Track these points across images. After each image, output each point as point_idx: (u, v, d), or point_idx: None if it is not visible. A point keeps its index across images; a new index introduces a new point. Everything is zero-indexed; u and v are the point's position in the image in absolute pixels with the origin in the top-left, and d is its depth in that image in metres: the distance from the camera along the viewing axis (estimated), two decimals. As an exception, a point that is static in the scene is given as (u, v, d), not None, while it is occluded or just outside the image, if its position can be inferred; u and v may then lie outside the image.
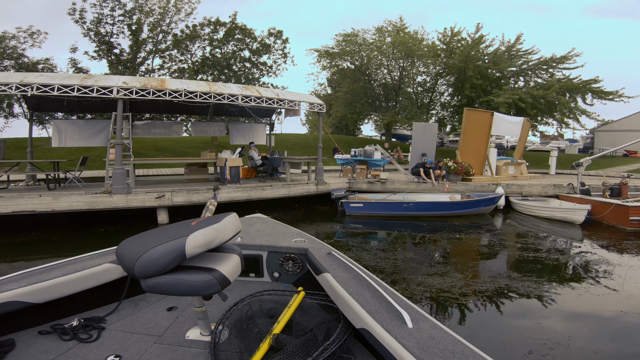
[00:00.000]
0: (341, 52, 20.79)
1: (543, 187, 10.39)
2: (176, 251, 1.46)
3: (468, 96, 19.74)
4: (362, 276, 1.94)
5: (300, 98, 9.07)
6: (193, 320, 2.01)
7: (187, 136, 27.48)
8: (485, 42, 19.68)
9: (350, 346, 1.73)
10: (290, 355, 1.52)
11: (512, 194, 10.07)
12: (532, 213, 9.07)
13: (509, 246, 6.53)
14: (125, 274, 2.15)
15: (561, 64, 19.16)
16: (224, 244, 1.74)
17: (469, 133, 11.12)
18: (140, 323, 2.01)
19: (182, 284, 1.48)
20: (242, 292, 2.32)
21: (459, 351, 1.26)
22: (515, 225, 8.31)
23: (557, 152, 16.15)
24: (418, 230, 7.64)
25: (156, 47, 19.61)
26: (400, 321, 1.45)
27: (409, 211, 8.26)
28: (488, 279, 4.65)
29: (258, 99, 8.08)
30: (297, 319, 1.87)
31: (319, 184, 9.34)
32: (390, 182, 10.10)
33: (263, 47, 22.23)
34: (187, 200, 7.22)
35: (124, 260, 1.52)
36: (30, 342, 1.74)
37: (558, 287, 4.46)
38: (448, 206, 8.38)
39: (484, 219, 8.71)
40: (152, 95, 6.88)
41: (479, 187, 10.11)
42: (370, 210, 8.34)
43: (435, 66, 21.16)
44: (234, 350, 1.67)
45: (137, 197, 6.77)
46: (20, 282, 1.80)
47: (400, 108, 22.03)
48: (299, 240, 2.63)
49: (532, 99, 17.41)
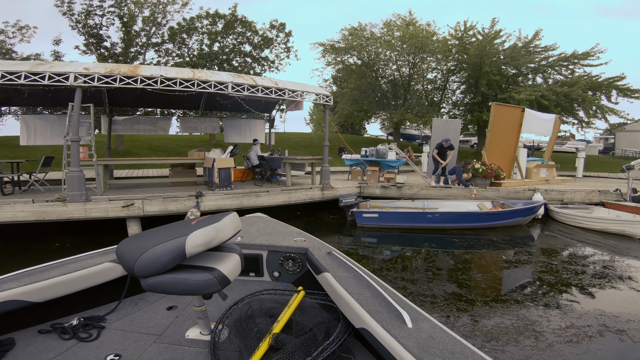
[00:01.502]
0: (347, 46, 20.12)
1: (587, 193, 8.98)
2: (176, 250, 1.45)
3: (483, 93, 18.99)
4: (362, 276, 1.94)
5: (303, 88, 7.78)
6: (193, 319, 2.00)
7: (187, 134, 26.17)
8: (501, 38, 19.16)
9: (350, 346, 1.72)
10: (290, 354, 1.53)
11: (551, 202, 8.92)
12: (577, 224, 7.91)
13: (574, 271, 5.26)
14: (125, 273, 2.13)
15: (583, 61, 18.52)
16: (224, 243, 1.72)
17: (497, 131, 10.12)
18: (140, 322, 2.01)
19: (182, 283, 1.48)
20: (242, 292, 2.33)
21: (459, 351, 1.26)
22: (563, 240, 7.12)
23: (584, 154, 14.71)
24: (448, 246, 6.52)
25: (149, 39, 18.09)
26: (400, 321, 1.46)
27: (435, 223, 7.18)
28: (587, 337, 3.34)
29: (252, 87, 7.09)
30: (297, 319, 1.89)
31: (325, 189, 7.87)
32: (408, 187, 8.54)
33: (265, 41, 20.67)
34: (162, 209, 5.83)
35: (124, 259, 1.50)
36: (30, 341, 1.74)
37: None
38: (482, 217, 7.01)
39: (522, 231, 7.58)
40: (119, 82, 5.86)
41: (513, 194, 8.59)
42: (387, 221, 7.24)
43: (446, 62, 20.58)
44: (234, 349, 1.67)
45: (98, 206, 5.43)
46: (20, 281, 1.80)
47: (410, 105, 21.36)
48: (299, 240, 2.62)
49: (556, 96, 16.63)
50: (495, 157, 9.97)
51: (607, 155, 26.69)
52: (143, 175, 11.69)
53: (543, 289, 4.54)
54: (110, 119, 9.50)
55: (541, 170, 11.38)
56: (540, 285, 4.70)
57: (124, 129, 9.79)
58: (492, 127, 9.82)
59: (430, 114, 19.67)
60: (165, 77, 6.11)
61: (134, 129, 9.80)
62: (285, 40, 22.09)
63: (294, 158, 8.29)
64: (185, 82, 6.25)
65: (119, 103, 9.72)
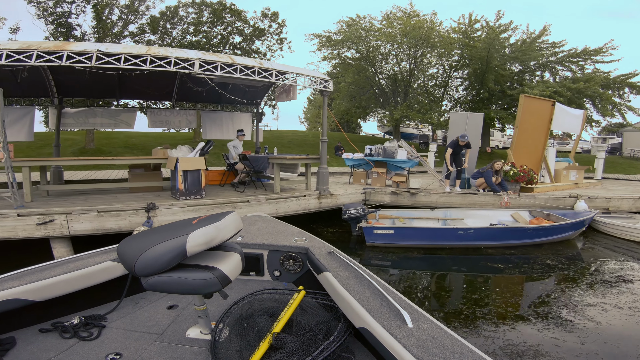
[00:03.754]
0: (345, 39, 19.46)
1: (635, 200, 7.65)
2: (177, 249, 1.45)
3: (490, 89, 18.46)
4: (363, 275, 1.97)
5: (295, 70, 6.41)
6: (193, 318, 2.05)
7: (174, 132, 24.17)
8: (509, 31, 18.81)
9: (350, 345, 1.75)
10: (290, 354, 1.54)
11: (594, 210, 7.61)
12: (631, 238, 6.69)
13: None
14: (126, 272, 2.16)
15: (595, 57, 18.07)
16: (225, 243, 1.73)
17: (525, 127, 9.01)
18: (141, 321, 2.04)
19: (182, 282, 1.48)
20: (243, 291, 2.38)
21: (459, 351, 1.27)
22: (626, 257, 5.82)
23: (604, 154, 14.16)
24: (493, 272, 5.08)
25: (125, 28, 16.10)
26: (400, 321, 1.47)
27: (468, 241, 5.84)
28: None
29: (228, 66, 5.74)
30: (298, 318, 1.91)
31: (323, 197, 6.22)
32: (424, 193, 6.78)
33: (256, 32, 18.75)
34: (97, 227, 4.29)
35: (125, 258, 1.50)
36: (31, 340, 1.76)
37: None
38: (530, 234, 6.05)
39: (572, 248, 6.34)
40: (35, 59, 4.52)
41: (552, 201, 6.93)
42: (406, 239, 5.88)
43: (448, 58, 20.09)
44: (234, 348, 1.70)
45: (3, 224, 3.55)
46: (21, 280, 1.83)
47: (411, 102, 20.85)
48: (300, 239, 2.65)
49: (570, 93, 16.26)
50: (522, 157, 8.94)
51: (614, 156, 25.32)
52: (104, 178, 9.76)
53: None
54: (59, 112, 7.67)
55: (571, 173, 9.79)
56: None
57: (76, 123, 8.13)
58: (521, 122, 8.39)
59: (434, 111, 19.43)
60: (103, 53, 4.37)
61: (89, 123, 8.19)
62: (279, 31, 20.28)
63: (283, 157, 6.61)
64: (133, 58, 4.44)
65: (70, 92, 7.90)
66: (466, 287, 4.56)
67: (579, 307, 3.85)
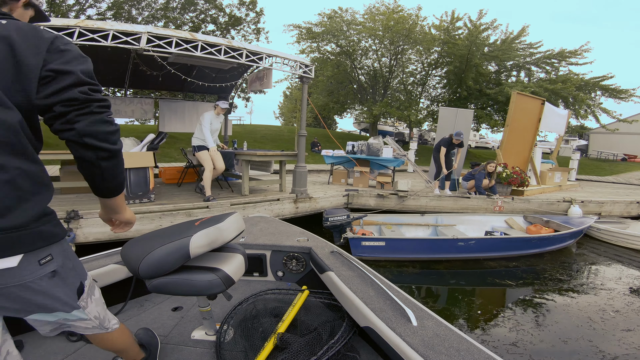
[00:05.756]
0: (326, 31, 18.96)
1: (627, 205, 7.50)
2: (180, 251, 1.46)
3: (470, 87, 18.53)
4: (366, 274, 1.96)
5: (271, 52, 5.90)
6: (198, 320, 2.08)
7: (138, 124, 22.26)
8: (490, 30, 18.96)
9: (355, 344, 1.78)
10: (295, 354, 1.57)
11: (586, 215, 7.44)
12: (628, 245, 6.37)
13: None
14: (130, 275, 2.19)
15: (571, 59, 18.52)
16: (228, 244, 1.76)
17: (515, 126, 8.68)
18: (146, 323, 2.05)
19: (186, 284, 1.49)
20: (246, 292, 2.41)
21: (464, 348, 1.26)
22: (625, 265, 5.50)
23: (579, 155, 14.66)
24: (501, 287, 4.53)
25: (82, 11, 14.30)
26: (404, 319, 1.48)
27: (468, 253, 5.27)
28: None
29: (186, 42, 4.81)
30: (302, 318, 1.93)
31: (300, 200, 5.36)
32: (413, 197, 5.96)
33: (231, 20, 17.38)
34: None
35: (129, 260, 1.51)
36: (38, 343, 1.77)
37: None
38: (533, 244, 5.60)
39: (571, 257, 5.92)
40: None
41: (545, 205, 6.35)
42: (400, 252, 5.18)
43: (428, 55, 20.12)
44: (239, 349, 1.74)
45: None
46: None
47: (392, 99, 21.40)
48: (302, 239, 2.64)
49: (547, 93, 16.56)
50: (510, 158, 8.72)
51: (581, 157, 26.06)
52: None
53: None
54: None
55: (556, 174, 9.39)
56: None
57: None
58: (512, 121, 7.91)
59: (412, 108, 19.56)
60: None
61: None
62: (256, 20, 18.94)
63: (252, 153, 5.65)
64: (55, 31, 3.21)
65: None
66: (481, 312, 3.89)
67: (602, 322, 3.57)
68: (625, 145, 28.08)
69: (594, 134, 27.79)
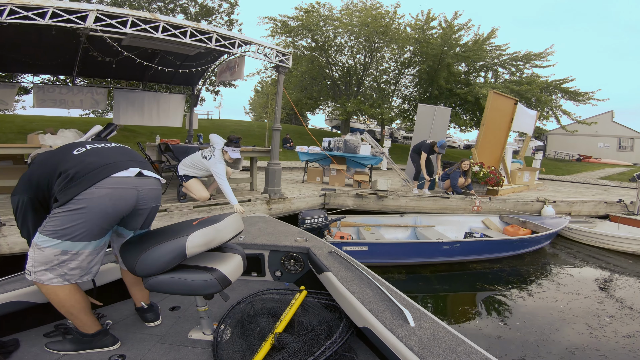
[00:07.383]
0: (302, 25, 18.43)
1: (595, 205, 8.02)
2: (176, 250, 1.48)
3: (441, 87, 18.97)
4: (364, 275, 1.99)
5: (244, 38, 5.36)
6: (195, 319, 2.06)
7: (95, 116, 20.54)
8: (464, 30, 19.24)
9: (353, 345, 1.79)
10: (293, 354, 1.58)
11: (559, 215, 7.50)
12: (599, 244, 6.51)
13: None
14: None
15: (536, 61, 19.14)
16: (227, 244, 1.80)
17: (489, 125, 8.69)
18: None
19: (182, 283, 1.51)
20: (244, 292, 2.41)
21: (462, 349, 1.27)
22: (601, 266, 5.58)
23: (541, 155, 15.41)
24: (485, 288, 4.45)
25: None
26: (402, 320, 1.48)
27: (453, 256, 5.13)
28: None
29: (145, 23, 4.20)
30: (299, 318, 1.94)
31: (273, 201, 4.99)
32: (393, 197, 5.69)
33: (203, 10, 16.41)
34: None
35: (126, 259, 1.55)
36: (34, 342, 1.76)
37: None
38: (516, 245, 5.54)
39: (548, 257, 5.94)
40: None
41: (520, 205, 6.34)
42: (384, 257, 4.91)
43: (401, 55, 20.28)
44: (236, 349, 1.74)
45: None
46: (23, 282, 1.81)
47: (366, 96, 21.22)
48: (301, 240, 2.65)
49: (514, 94, 16.97)
50: (484, 157, 8.84)
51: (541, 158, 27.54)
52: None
53: None
54: None
55: (524, 174, 9.57)
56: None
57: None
58: (488, 120, 7.90)
59: (385, 106, 19.83)
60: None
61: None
62: (230, 11, 17.97)
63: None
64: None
65: None
66: (472, 317, 3.84)
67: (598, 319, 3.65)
68: (580, 146, 30.11)
69: (552, 134, 29.53)
